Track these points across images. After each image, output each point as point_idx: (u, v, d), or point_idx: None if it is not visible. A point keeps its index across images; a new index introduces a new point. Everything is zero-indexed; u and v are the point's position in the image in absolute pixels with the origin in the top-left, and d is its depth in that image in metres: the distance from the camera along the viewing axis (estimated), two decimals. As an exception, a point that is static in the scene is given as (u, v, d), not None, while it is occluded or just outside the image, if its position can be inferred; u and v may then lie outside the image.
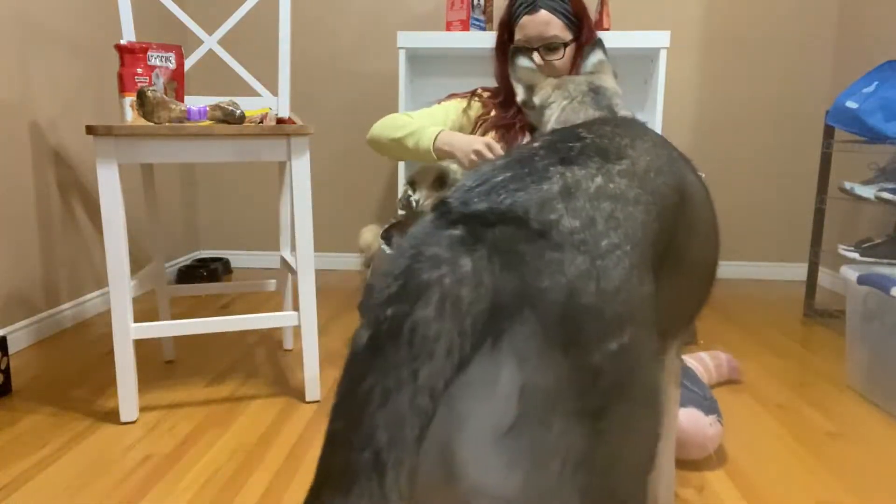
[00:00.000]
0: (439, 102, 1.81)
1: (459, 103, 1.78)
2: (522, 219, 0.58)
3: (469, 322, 0.53)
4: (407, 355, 0.51)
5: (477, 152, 1.48)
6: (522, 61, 1.21)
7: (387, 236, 1.79)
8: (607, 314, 0.56)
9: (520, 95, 1.19)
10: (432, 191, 1.70)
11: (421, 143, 1.57)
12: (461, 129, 1.75)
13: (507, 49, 1.64)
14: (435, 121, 1.71)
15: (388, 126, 1.69)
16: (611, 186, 0.63)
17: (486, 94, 1.80)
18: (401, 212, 1.89)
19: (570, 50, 1.63)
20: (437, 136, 1.56)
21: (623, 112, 1.06)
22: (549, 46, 1.58)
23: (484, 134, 1.70)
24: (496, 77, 1.77)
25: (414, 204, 1.74)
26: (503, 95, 1.75)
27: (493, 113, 1.73)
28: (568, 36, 1.61)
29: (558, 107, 1.09)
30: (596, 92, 1.09)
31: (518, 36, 1.62)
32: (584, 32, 1.63)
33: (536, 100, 1.14)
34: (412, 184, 1.80)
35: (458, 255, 0.55)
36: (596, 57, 1.23)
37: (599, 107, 1.06)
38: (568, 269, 0.56)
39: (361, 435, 0.50)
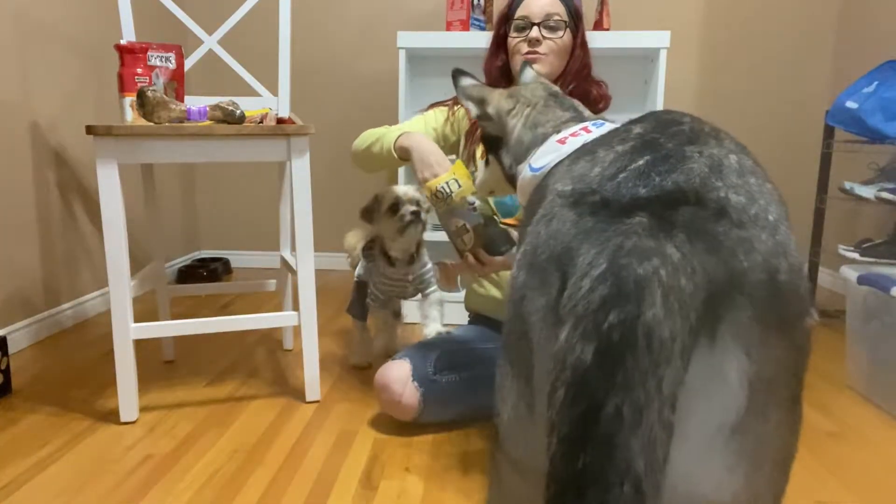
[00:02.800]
0: (422, 112, 1.75)
1: (441, 113, 1.72)
2: (697, 198, 0.53)
3: (694, 316, 0.48)
4: (649, 364, 0.46)
5: (425, 178, 1.42)
6: (465, 80, 1.19)
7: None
8: (801, 289, 0.53)
9: (473, 111, 1.17)
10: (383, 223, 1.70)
11: (384, 145, 1.52)
12: (445, 140, 1.70)
13: (503, 41, 1.62)
14: (412, 129, 1.65)
15: (362, 138, 1.66)
16: (747, 163, 0.59)
17: None
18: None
19: (567, 37, 1.58)
20: (399, 136, 1.51)
21: (587, 114, 1.05)
22: (550, 26, 1.55)
23: (474, 148, 1.66)
24: (483, 69, 1.73)
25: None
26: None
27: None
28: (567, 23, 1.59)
29: (522, 114, 1.07)
30: (556, 96, 1.08)
31: (520, 13, 1.57)
32: (579, 36, 1.61)
33: (491, 110, 1.12)
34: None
35: (663, 243, 0.49)
36: (529, 74, 1.22)
37: (565, 108, 1.05)
38: (760, 247, 0.52)
39: (618, 466, 0.45)
